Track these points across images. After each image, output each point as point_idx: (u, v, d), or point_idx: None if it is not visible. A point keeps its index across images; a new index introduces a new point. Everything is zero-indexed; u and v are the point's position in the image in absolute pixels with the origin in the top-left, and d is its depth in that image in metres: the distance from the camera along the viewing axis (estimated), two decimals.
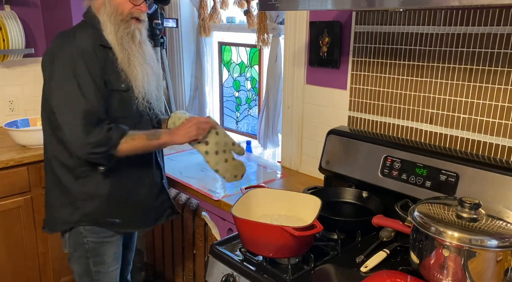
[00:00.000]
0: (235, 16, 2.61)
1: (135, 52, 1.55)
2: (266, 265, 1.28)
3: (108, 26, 1.50)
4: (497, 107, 1.41)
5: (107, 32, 1.51)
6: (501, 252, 1.03)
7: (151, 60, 1.63)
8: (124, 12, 1.50)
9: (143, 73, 1.56)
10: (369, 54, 1.71)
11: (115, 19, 1.50)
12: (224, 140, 1.64)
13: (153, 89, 1.62)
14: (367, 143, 1.62)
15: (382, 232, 1.39)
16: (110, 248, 1.65)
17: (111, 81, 1.51)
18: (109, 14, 1.50)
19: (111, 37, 1.50)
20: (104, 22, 1.51)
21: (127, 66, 1.52)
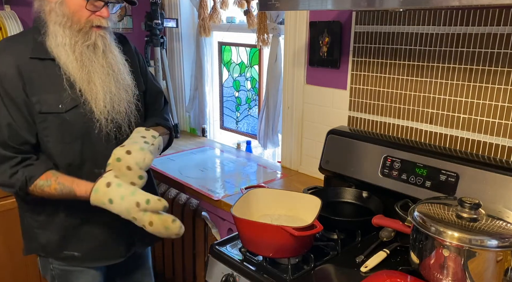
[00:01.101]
0: (235, 16, 2.61)
1: (97, 65, 1.32)
2: (266, 265, 1.28)
3: (60, 38, 1.26)
4: (497, 107, 1.41)
5: (56, 43, 1.27)
6: (501, 252, 1.03)
7: (119, 69, 1.38)
8: (81, 21, 1.26)
9: (105, 90, 1.33)
10: (369, 54, 1.71)
11: (70, 30, 1.27)
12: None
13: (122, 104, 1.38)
14: (367, 143, 1.62)
15: (382, 232, 1.39)
16: (81, 278, 1.47)
17: (41, 102, 1.27)
18: (61, 23, 1.26)
19: (62, 51, 1.27)
20: (54, 32, 1.27)
21: (86, 84, 1.30)
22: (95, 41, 1.30)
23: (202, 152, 2.46)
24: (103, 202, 1.25)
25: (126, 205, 1.23)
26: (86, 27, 1.28)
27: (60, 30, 1.27)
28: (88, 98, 1.31)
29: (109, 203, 1.24)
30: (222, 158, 2.41)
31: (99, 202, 1.26)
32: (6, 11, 2.64)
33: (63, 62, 1.28)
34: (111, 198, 1.24)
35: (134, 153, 1.29)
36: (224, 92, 2.84)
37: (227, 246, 1.41)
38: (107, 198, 1.24)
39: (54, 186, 1.29)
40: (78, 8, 1.25)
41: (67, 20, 1.26)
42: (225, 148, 2.58)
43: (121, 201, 1.23)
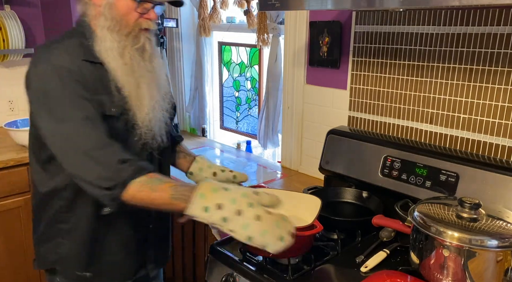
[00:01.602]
0: (235, 16, 2.61)
1: (144, 70, 1.28)
2: (266, 265, 1.28)
3: (108, 42, 1.22)
4: (497, 107, 1.41)
5: (105, 48, 1.22)
6: (501, 252, 1.03)
7: (161, 75, 1.35)
8: (130, 24, 1.22)
9: (150, 97, 1.28)
10: (369, 54, 1.71)
11: (119, 34, 1.22)
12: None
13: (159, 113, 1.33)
14: (367, 143, 1.62)
15: (382, 232, 1.39)
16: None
17: (99, 103, 1.21)
18: (110, 28, 1.22)
19: (110, 55, 1.22)
20: (102, 37, 1.23)
21: (135, 89, 1.25)
22: (143, 45, 1.26)
23: (202, 152, 2.46)
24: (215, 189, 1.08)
25: (245, 191, 1.09)
26: (135, 30, 1.24)
27: (108, 35, 1.22)
28: (133, 104, 1.26)
29: (223, 189, 1.08)
30: (222, 158, 2.41)
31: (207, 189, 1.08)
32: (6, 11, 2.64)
33: (112, 67, 1.23)
34: (226, 186, 1.10)
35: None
36: (224, 92, 2.84)
37: (227, 246, 1.41)
38: (222, 186, 1.10)
39: (170, 184, 1.12)
40: (127, 11, 1.21)
41: (116, 23, 1.21)
42: (225, 148, 2.58)
43: (238, 189, 1.10)
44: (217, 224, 1.05)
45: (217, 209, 1.04)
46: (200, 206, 1.05)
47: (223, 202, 1.05)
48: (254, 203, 1.06)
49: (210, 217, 1.05)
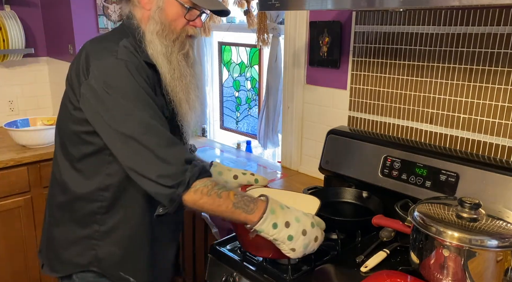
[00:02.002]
0: (235, 16, 2.61)
1: (190, 77, 1.29)
2: (266, 265, 1.28)
3: (158, 46, 1.22)
4: (497, 107, 1.41)
5: (156, 51, 1.22)
6: (501, 252, 1.03)
7: (201, 81, 1.38)
8: (177, 30, 1.23)
9: (196, 103, 1.31)
10: (369, 54, 1.71)
11: (167, 38, 1.22)
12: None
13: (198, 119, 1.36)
14: (367, 143, 1.62)
15: (382, 232, 1.39)
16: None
17: (157, 102, 1.21)
18: (158, 32, 1.22)
19: (160, 60, 1.23)
20: (151, 40, 1.22)
21: (184, 95, 1.27)
22: (188, 51, 1.28)
23: (202, 152, 2.46)
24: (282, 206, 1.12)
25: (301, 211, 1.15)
26: (182, 37, 1.25)
27: (157, 39, 1.22)
28: (184, 109, 1.27)
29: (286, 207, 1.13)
30: (222, 158, 2.41)
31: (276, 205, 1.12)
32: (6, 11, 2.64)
33: (163, 71, 1.23)
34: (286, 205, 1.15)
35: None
36: (224, 92, 2.84)
37: (227, 246, 1.41)
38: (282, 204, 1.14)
39: (234, 192, 1.13)
40: (176, 17, 1.22)
41: (164, 28, 1.22)
42: (225, 148, 2.59)
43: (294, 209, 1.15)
44: (280, 241, 1.10)
45: (285, 227, 1.09)
46: (271, 222, 1.09)
47: (290, 220, 1.10)
48: (314, 223, 1.14)
49: (278, 234, 1.09)
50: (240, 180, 1.46)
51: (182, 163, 1.11)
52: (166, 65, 1.23)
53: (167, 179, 1.09)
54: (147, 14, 1.23)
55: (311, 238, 1.12)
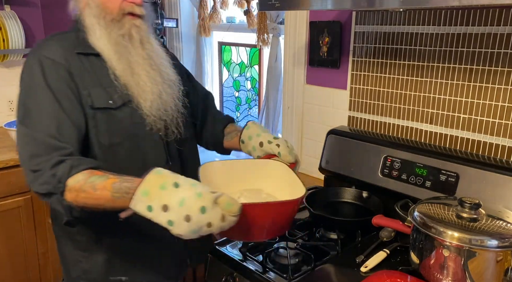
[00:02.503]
0: (235, 16, 2.61)
1: (137, 56, 1.23)
2: (266, 265, 1.28)
3: (97, 31, 1.20)
4: (497, 107, 1.41)
5: (96, 37, 1.20)
6: (501, 252, 1.03)
7: (161, 62, 1.29)
8: (114, 11, 1.20)
9: (152, 82, 1.23)
10: (369, 54, 1.71)
11: (104, 20, 1.20)
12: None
13: (169, 101, 1.26)
14: (367, 143, 1.62)
15: (382, 232, 1.39)
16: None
17: (92, 96, 1.17)
18: (96, 15, 1.20)
19: (102, 44, 1.20)
20: (91, 25, 1.21)
21: (130, 76, 1.21)
22: (129, 31, 1.22)
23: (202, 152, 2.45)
24: (163, 185, 0.94)
25: (200, 190, 0.94)
26: (119, 15, 1.20)
27: (96, 23, 1.20)
28: (135, 92, 1.21)
29: (173, 186, 0.94)
30: (222, 158, 2.40)
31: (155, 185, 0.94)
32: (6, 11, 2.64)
33: (107, 56, 1.20)
34: (177, 181, 0.95)
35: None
36: (224, 92, 2.84)
37: (227, 246, 1.41)
38: (173, 181, 0.95)
39: (113, 180, 1.01)
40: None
41: (101, 11, 1.20)
42: None
43: (191, 186, 0.95)
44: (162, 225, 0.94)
45: (162, 211, 0.92)
46: (143, 205, 0.94)
47: (169, 203, 0.92)
48: (208, 206, 0.91)
49: (156, 218, 0.93)
50: (265, 148, 1.31)
51: (50, 167, 1.06)
52: (108, 48, 1.20)
53: (42, 186, 1.07)
54: (85, 2, 1.22)
55: (201, 224, 0.91)
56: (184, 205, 0.91)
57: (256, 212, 1.01)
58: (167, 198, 0.92)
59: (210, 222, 0.92)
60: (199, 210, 0.91)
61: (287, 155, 1.28)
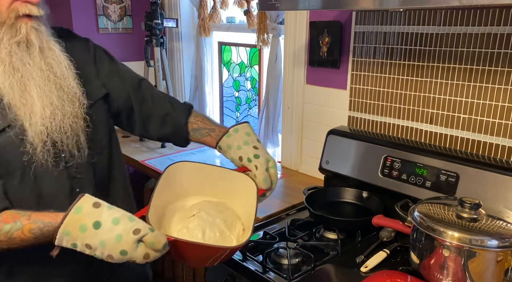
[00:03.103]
0: (235, 16, 2.61)
1: (33, 68, 1.01)
2: (266, 265, 1.28)
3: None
4: (497, 107, 1.41)
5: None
6: (501, 252, 1.03)
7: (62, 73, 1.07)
8: (2, 11, 0.97)
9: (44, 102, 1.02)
10: (369, 54, 1.71)
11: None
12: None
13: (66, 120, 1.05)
14: (367, 143, 1.62)
15: (382, 232, 1.39)
16: None
17: None
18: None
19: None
20: None
21: (19, 95, 0.99)
22: (27, 36, 1.00)
23: (202, 152, 2.46)
24: (83, 227, 0.89)
25: (121, 231, 0.89)
26: (11, 18, 0.98)
27: None
28: (21, 114, 0.99)
29: (93, 227, 0.89)
30: (222, 158, 2.39)
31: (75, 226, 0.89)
32: None
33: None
34: (98, 220, 0.90)
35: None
36: (224, 92, 2.84)
37: None
38: (93, 221, 0.89)
39: (29, 226, 0.93)
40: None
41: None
42: None
43: (112, 226, 0.89)
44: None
45: (87, 249, 0.90)
46: (66, 242, 0.90)
47: (91, 243, 0.89)
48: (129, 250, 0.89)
49: (83, 252, 0.91)
50: (244, 163, 1.18)
51: None
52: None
53: None
54: None
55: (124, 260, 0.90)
56: (106, 247, 0.89)
57: (183, 248, 0.97)
58: (88, 239, 0.89)
59: (134, 260, 0.91)
60: (119, 253, 0.89)
61: (261, 181, 1.15)
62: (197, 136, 1.32)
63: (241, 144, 1.20)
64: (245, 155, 1.18)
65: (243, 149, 1.19)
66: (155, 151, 2.48)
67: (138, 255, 0.89)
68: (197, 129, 1.31)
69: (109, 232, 0.89)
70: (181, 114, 1.32)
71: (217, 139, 1.25)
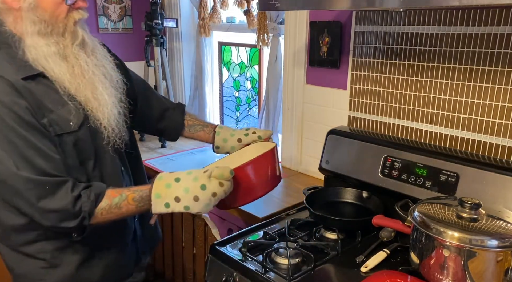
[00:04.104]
0: (235, 16, 2.61)
1: (94, 67, 1.15)
2: (266, 265, 1.28)
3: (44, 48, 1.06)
4: (497, 107, 1.41)
5: (42, 55, 1.06)
6: (501, 252, 1.03)
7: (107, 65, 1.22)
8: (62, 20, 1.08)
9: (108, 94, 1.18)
10: (369, 54, 1.71)
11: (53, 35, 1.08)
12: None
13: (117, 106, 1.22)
14: (367, 143, 1.62)
15: (382, 232, 1.39)
16: None
17: (53, 123, 1.09)
18: (40, 31, 1.06)
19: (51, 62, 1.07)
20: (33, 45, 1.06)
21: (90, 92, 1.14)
22: (83, 38, 1.13)
23: (202, 152, 2.46)
24: (168, 184, 1.11)
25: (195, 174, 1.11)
26: (70, 25, 1.09)
27: (42, 40, 1.07)
28: (93, 107, 1.15)
29: (175, 181, 1.11)
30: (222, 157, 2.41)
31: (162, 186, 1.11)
32: None
33: (57, 75, 1.09)
34: (177, 176, 1.12)
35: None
36: (224, 92, 2.84)
37: (227, 246, 1.41)
38: (173, 178, 1.12)
39: (132, 195, 1.13)
40: (55, 7, 1.06)
41: (47, 25, 1.06)
42: None
43: (188, 176, 1.12)
44: (184, 212, 1.12)
45: (177, 202, 1.10)
46: (160, 205, 1.11)
47: (178, 194, 1.10)
48: (206, 183, 1.10)
49: (174, 209, 1.11)
50: (245, 141, 1.44)
51: (72, 204, 1.07)
52: (61, 65, 1.09)
53: (68, 222, 1.08)
54: (18, 15, 1.05)
55: (207, 197, 1.10)
56: (189, 191, 1.10)
57: (245, 172, 1.21)
58: (175, 192, 1.10)
59: (214, 192, 1.10)
60: (200, 189, 1.10)
61: (265, 132, 1.44)
62: (191, 131, 1.52)
63: (232, 132, 1.46)
64: (241, 135, 1.44)
65: (236, 134, 1.45)
66: (155, 151, 2.49)
67: (214, 185, 1.10)
68: (192, 125, 1.52)
69: (187, 179, 1.11)
70: (179, 111, 1.52)
71: (210, 134, 1.48)
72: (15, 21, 1.07)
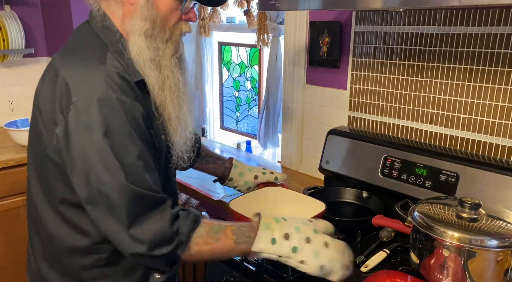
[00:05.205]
0: (235, 16, 2.61)
1: (183, 86, 1.05)
2: (266, 265, 1.28)
3: (145, 51, 0.97)
4: (497, 107, 1.41)
5: (142, 57, 0.97)
6: (501, 252, 1.03)
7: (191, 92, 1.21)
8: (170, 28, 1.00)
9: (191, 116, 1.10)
10: (369, 54, 1.71)
11: (157, 39, 0.98)
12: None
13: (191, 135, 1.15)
14: (367, 143, 1.62)
15: (382, 232, 1.39)
16: None
17: (156, 135, 1.02)
18: (147, 31, 0.96)
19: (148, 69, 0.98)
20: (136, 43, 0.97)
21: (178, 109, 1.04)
22: (182, 54, 1.06)
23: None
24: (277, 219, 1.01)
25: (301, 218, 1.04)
26: (176, 36, 1.01)
27: (144, 41, 0.97)
28: (173, 126, 1.05)
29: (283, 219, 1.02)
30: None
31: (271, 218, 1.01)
32: (6, 11, 2.64)
33: (152, 83, 0.99)
34: (283, 217, 1.03)
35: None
36: (224, 92, 2.84)
37: None
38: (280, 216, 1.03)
39: (230, 227, 1.00)
40: (170, 11, 0.97)
41: (154, 26, 0.97)
42: (225, 148, 2.58)
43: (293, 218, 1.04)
44: (285, 257, 0.99)
45: (285, 240, 0.98)
46: (267, 239, 0.98)
47: (288, 231, 0.99)
48: (317, 229, 1.02)
49: (279, 249, 0.98)
50: (260, 179, 1.44)
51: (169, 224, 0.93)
52: (155, 74, 0.99)
53: (162, 248, 0.93)
54: (130, 10, 0.96)
55: (319, 244, 0.99)
56: (301, 230, 1.01)
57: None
58: (285, 227, 1.01)
59: (326, 242, 1.02)
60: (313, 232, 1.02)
61: (282, 175, 1.46)
62: (202, 162, 1.44)
63: (250, 167, 1.46)
64: (258, 172, 1.44)
65: (253, 170, 1.45)
66: None
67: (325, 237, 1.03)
68: (204, 156, 1.45)
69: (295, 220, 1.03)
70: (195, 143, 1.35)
71: (223, 166, 1.44)
72: (124, 16, 0.98)
